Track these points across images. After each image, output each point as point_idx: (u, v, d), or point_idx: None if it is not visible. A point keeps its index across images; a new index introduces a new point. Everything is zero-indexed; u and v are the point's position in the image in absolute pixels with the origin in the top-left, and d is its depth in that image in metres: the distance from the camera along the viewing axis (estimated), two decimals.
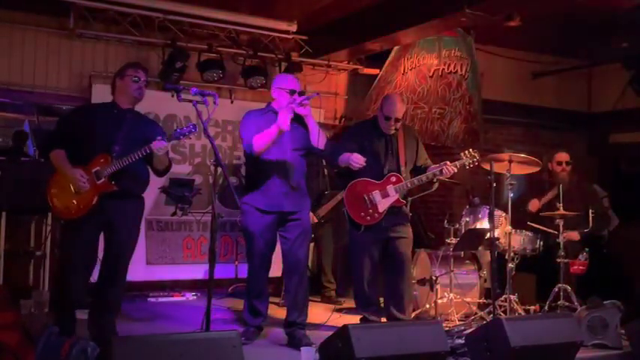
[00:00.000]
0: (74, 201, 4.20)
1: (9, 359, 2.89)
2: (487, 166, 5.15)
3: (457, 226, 5.76)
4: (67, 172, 4.21)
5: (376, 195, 4.78)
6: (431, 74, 7.07)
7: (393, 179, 4.80)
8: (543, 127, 8.29)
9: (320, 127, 4.59)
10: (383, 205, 4.76)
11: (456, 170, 4.81)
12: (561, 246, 5.36)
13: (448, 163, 4.80)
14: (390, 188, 4.78)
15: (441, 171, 4.78)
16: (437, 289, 5.32)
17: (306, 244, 4.67)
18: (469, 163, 4.87)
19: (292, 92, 4.53)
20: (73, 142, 4.29)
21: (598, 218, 5.71)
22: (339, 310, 5.87)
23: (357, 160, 4.67)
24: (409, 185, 4.84)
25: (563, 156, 5.93)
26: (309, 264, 6.17)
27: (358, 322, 4.96)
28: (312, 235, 5.68)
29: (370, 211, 4.77)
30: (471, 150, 4.90)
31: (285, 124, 4.37)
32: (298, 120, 4.54)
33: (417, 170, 4.97)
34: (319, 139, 4.52)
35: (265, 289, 4.68)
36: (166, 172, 4.60)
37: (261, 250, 4.57)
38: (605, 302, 4.65)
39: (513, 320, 4.18)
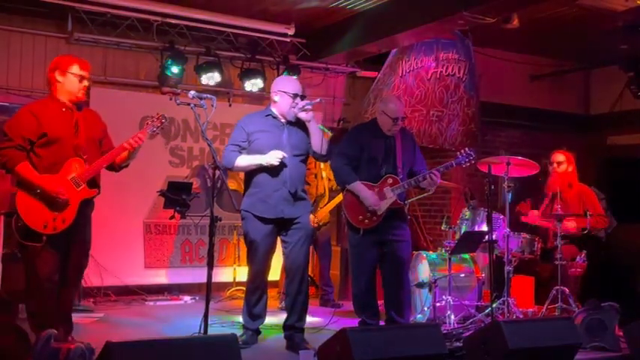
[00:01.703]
0: (54, 216, 3.96)
1: None
2: (485, 169, 5.15)
3: (455, 228, 5.76)
4: (42, 185, 3.92)
5: None
6: (429, 77, 7.08)
7: (390, 181, 4.80)
8: (541, 130, 8.29)
9: (321, 131, 4.59)
10: (381, 207, 4.76)
11: (438, 178, 4.80)
12: (559, 248, 5.36)
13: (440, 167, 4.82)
14: (387, 190, 4.78)
15: (435, 174, 4.76)
16: (435, 292, 5.31)
17: (306, 247, 4.64)
18: (466, 162, 4.87)
19: (295, 96, 4.50)
20: (32, 150, 4.00)
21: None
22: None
23: (374, 205, 4.70)
24: (406, 186, 4.84)
25: (556, 156, 5.94)
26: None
27: (357, 325, 4.95)
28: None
29: (369, 214, 4.77)
30: (466, 149, 4.90)
31: (271, 163, 4.37)
32: (299, 124, 4.53)
33: (413, 174, 4.97)
34: (322, 145, 4.52)
35: (264, 292, 4.67)
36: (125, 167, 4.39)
37: (262, 255, 4.55)
38: (603, 304, 4.64)
39: (511, 323, 4.18)
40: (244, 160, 4.47)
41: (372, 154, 4.83)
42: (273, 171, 4.46)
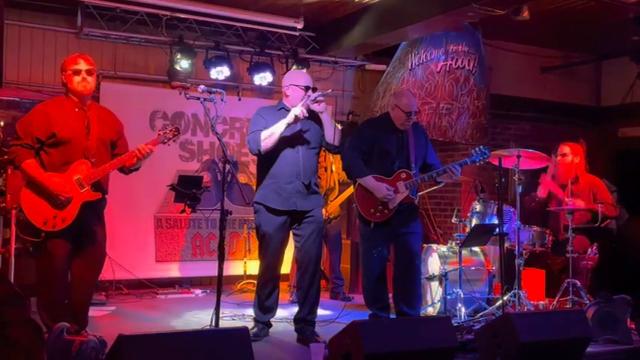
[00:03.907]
0: (55, 214, 4.01)
1: (20, 356, 2.90)
2: (495, 162, 5.14)
3: (465, 221, 5.75)
4: (46, 184, 3.99)
5: None
6: (438, 70, 7.05)
7: (403, 175, 4.80)
8: (552, 122, 8.24)
9: (334, 122, 4.59)
10: (393, 201, 4.76)
11: (458, 173, 4.81)
12: (570, 241, 5.34)
13: (455, 164, 4.82)
14: (400, 184, 4.77)
15: (451, 170, 4.76)
16: (446, 285, 5.31)
17: (319, 241, 4.66)
18: (480, 160, 4.87)
19: (307, 89, 4.52)
20: (41, 149, 4.08)
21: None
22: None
23: (386, 195, 4.68)
24: (419, 181, 4.84)
25: (561, 148, 5.93)
26: None
27: (367, 318, 4.96)
28: None
29: (380, 207, 4.77)
30: (481, 147, 4.89)
31: (296, 114, 4.35)
32: (311, 117, 4.53)
33: (426, 168, 4.97)
34: (334, 136, 4.51)
35: (276, 285, 4.68)
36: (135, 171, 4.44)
37: (275, 248, 4.57)
38: (614, 297, 4.63)
39: (523, 315, 4.18)
40: (268, 132, 4.40)
41: (384, 148, 4.82)
42: (286, 163, 4.47)
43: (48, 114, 4.10)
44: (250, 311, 4.88)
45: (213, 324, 3.87)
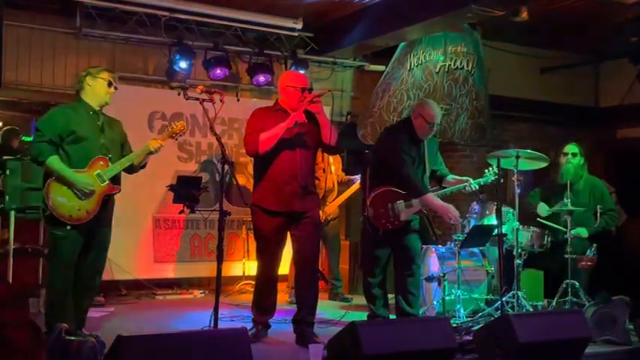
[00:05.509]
0: (78, 207, 4.18)
1: (19, 357, 2.90)
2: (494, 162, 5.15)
3: (464, 222, 5.76)
4: (70, 178, 4.16)
5: (400, 205, 4.83)
6: (437, 70, 7.05)
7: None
8: (551, 123, 8.26)
9: (330, 122, 4.59)
10: (405, 214, 4.84)
11: (478, 188, 5.05)
12: (569, 242, 5.35)
13: (471, 180, 5.05)
14: (415, 201, 4.82)
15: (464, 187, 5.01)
16: (444, 286, 5.31)
17: (316, 242, 4.66)
18: (492, 181, 4.99)
19: (303, 90, 4.50)
20: (61, 147, 4.23)
21: (606, 215, 5.70)
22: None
23: (455, 218, 4.92)
24: (441, 195, 4.96)
25: (571, 147, 5.93)
26: None
27: (366, 318, 4.96)
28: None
29: (392, 219, 4.84)
30: (493, 167, 4.97)
31: (291, 124, 4.37)
32: (308, 118, 4.53)
33: (435, 177, 5.07)
34: (331, 136, 4.51)
35: (274, 286, 4.68)
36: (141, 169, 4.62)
37: (272, 249, 4.57)
38: (613, 298, 4.63)
39: (521, 316, 4.18)
40: (267, 135, 4.39)
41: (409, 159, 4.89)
42: (283, 164, 4.46)
43: (67, 113, 4.31)
44: (249, 312, 4.88)
45: (212, 325, 3.87)
